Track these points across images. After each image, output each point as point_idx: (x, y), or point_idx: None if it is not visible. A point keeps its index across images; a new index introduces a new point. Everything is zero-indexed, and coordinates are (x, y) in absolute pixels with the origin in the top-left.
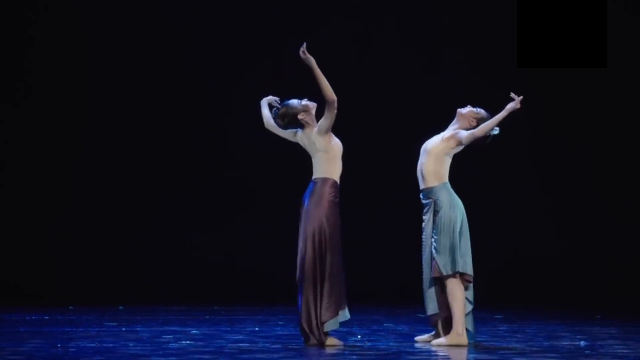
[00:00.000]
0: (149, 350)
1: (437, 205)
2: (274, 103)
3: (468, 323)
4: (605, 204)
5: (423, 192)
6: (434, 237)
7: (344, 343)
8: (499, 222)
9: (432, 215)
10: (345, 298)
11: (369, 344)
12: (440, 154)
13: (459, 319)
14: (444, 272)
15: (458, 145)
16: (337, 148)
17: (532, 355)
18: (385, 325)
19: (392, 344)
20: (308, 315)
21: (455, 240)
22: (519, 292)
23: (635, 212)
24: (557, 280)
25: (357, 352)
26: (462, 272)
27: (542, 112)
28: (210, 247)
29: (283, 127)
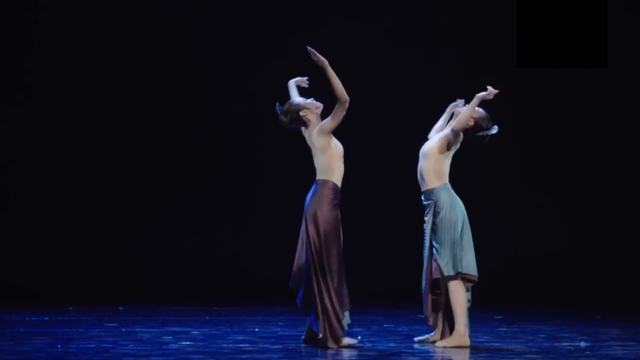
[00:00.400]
0: (149, 351)
1: (437, 207)
2: (303, 84)
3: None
4: (605, 204)
5: (424, 193)
6: (435, 237)
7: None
8: (499, 222)
9: (432, 217)
10: (348, 302)
11: (369, 345)
12: (437, 155)
13: (462, 320)
14: (445, 272)
15: (451, 145)
16: (336, 150)
17: (532, 356)
18: (385, 326)
19: (391, 345)
20: (327, 318)
21: (457, 241)
22: (519, 292)
23: (635, 212)
24: (557, 281)
25: (357, 352)
26: (464, 272)
27: (542, 112)
28: (210, 247)
29: (287, 124)
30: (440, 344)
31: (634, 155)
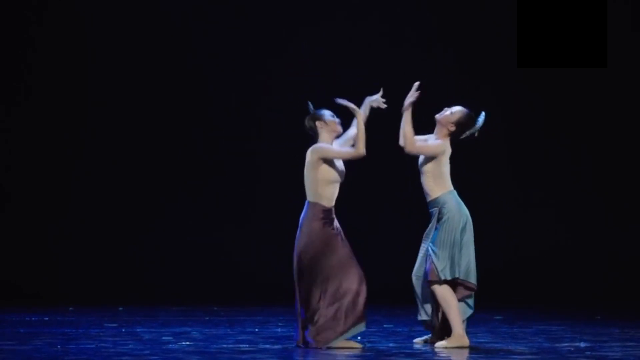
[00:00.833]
0: (149, 351)
1: (441, 213)
2: (380, 105)
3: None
4: (605, 204)
5: (430, 204)
6: (434, 241)
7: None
8: (499, 222)
9: (435, 222)
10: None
11: (369, 345)
12: (431, 167)
13: (457, 322)
14: (442, 276)
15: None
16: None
17: (532, 357)
18: (385, 326)
19: (391, 345)
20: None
21: (456, 246)
22: (519, 292)
23: (635, 212)
24: (557, 281)
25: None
26: (462, 278)
27: (542, 112)
28: (210, 247)
29: (305, 127)
30: (440, 345)
31: (634, 155)
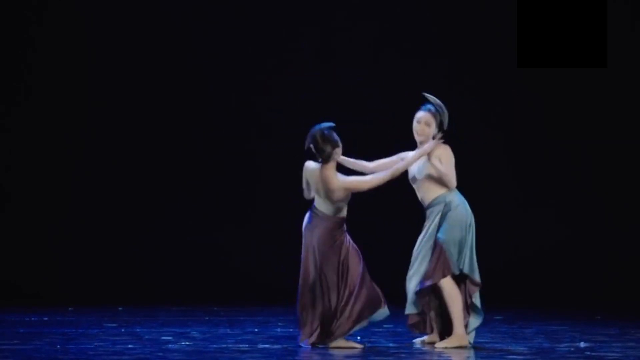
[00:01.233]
0: (149, 352)
1: (447, 207)
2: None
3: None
4: (605, 204)
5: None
6: (441, 237)
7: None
8: (499, 222)
9: (438, 218)
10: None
11: (369, 345)
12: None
13: (459, 320)
14: (456, 271)
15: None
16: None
17: (532, 357)
18: (385, 326)
19: (391, 345)
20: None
21: (465, 239)
22: (519, 292)
23: (635, 212)
24: (557, 281)
25: (356, 352)
26: (468, 274)
27: (542, 112)
28: (210, 247)
29: (313, 143)
30: (441, 345)
31: (634, 155)
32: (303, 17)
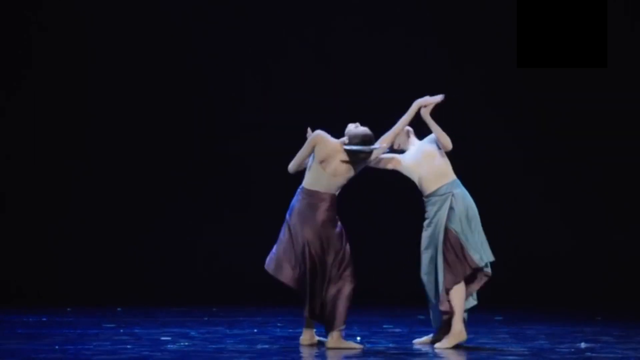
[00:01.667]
0: (148, 352)
1: (455, 198)
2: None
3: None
4: (605, 204)
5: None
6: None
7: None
8: (499, 222)
9: (447, 211)
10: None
11: (368, 346)
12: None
13: (458, 317)
14: (481, 263)
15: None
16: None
17: (532, 357)
18: (385, 327)
19: (391, 345)
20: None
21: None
22: (519, 292)
23: (635, 212)
24: (557, 281)
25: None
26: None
27: (542, 112)
28: (210, 247)
29: (360, 155)
30: (440, 346)
31: (634, 156)
32: (303, 17)
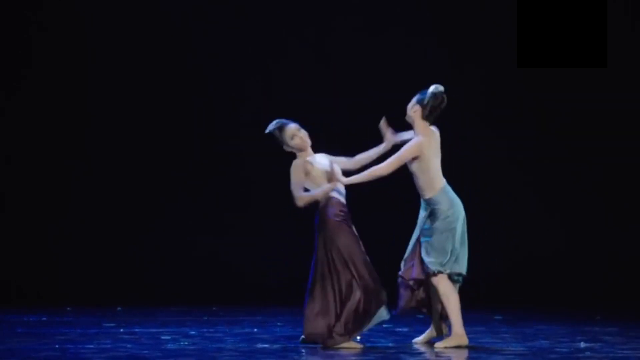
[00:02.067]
0: (147, 352)
1: (437, 212)
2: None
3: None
4: (605, 204)
5: (425, 201)
6: (428, 238)
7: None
8: (499, 222)
9: (428, 219)
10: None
11: (369, 345)
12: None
13: (457, 320)
14: (434, 269)
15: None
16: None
17: (532, 357)
18: (385, 326)
19: (391, 345)
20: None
21: (455, 243)
22: (519, 292)
23: (635, 212)
24: (557, 281)
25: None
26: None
27: (542, 112)
28: (210, 247)
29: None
30: (440, 345)
31: (634, 156)
32: (303, 17)
